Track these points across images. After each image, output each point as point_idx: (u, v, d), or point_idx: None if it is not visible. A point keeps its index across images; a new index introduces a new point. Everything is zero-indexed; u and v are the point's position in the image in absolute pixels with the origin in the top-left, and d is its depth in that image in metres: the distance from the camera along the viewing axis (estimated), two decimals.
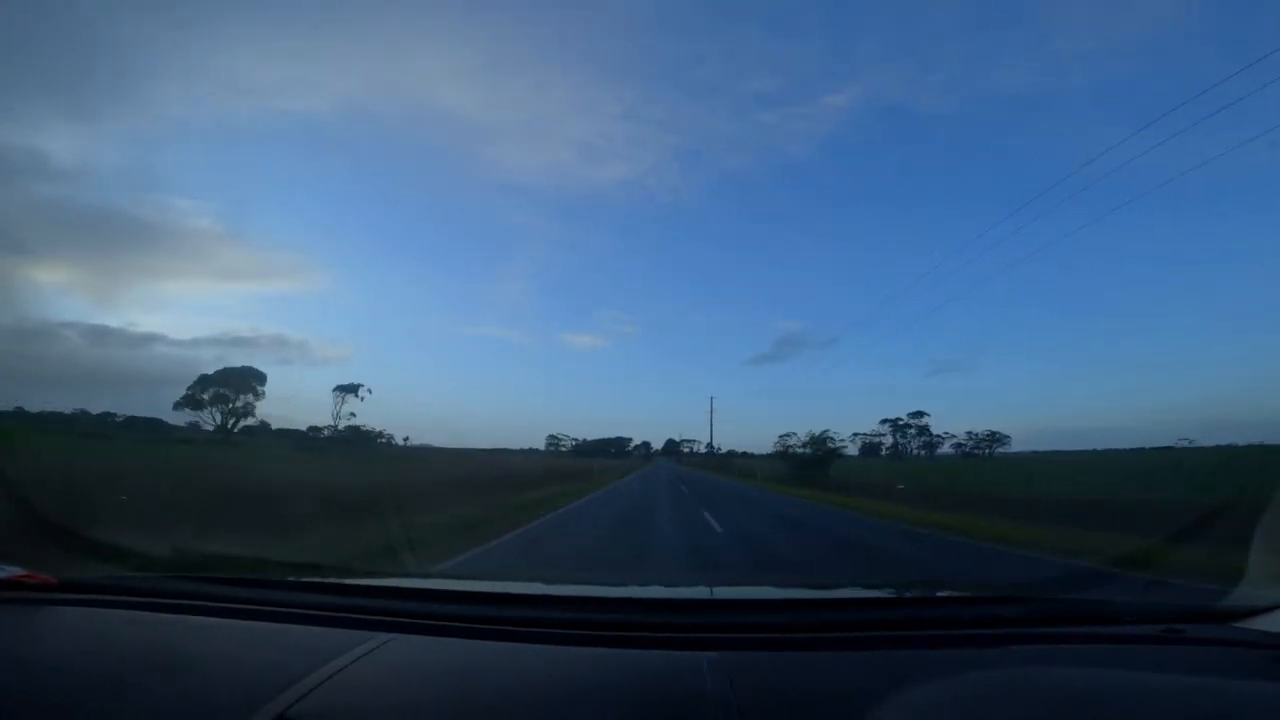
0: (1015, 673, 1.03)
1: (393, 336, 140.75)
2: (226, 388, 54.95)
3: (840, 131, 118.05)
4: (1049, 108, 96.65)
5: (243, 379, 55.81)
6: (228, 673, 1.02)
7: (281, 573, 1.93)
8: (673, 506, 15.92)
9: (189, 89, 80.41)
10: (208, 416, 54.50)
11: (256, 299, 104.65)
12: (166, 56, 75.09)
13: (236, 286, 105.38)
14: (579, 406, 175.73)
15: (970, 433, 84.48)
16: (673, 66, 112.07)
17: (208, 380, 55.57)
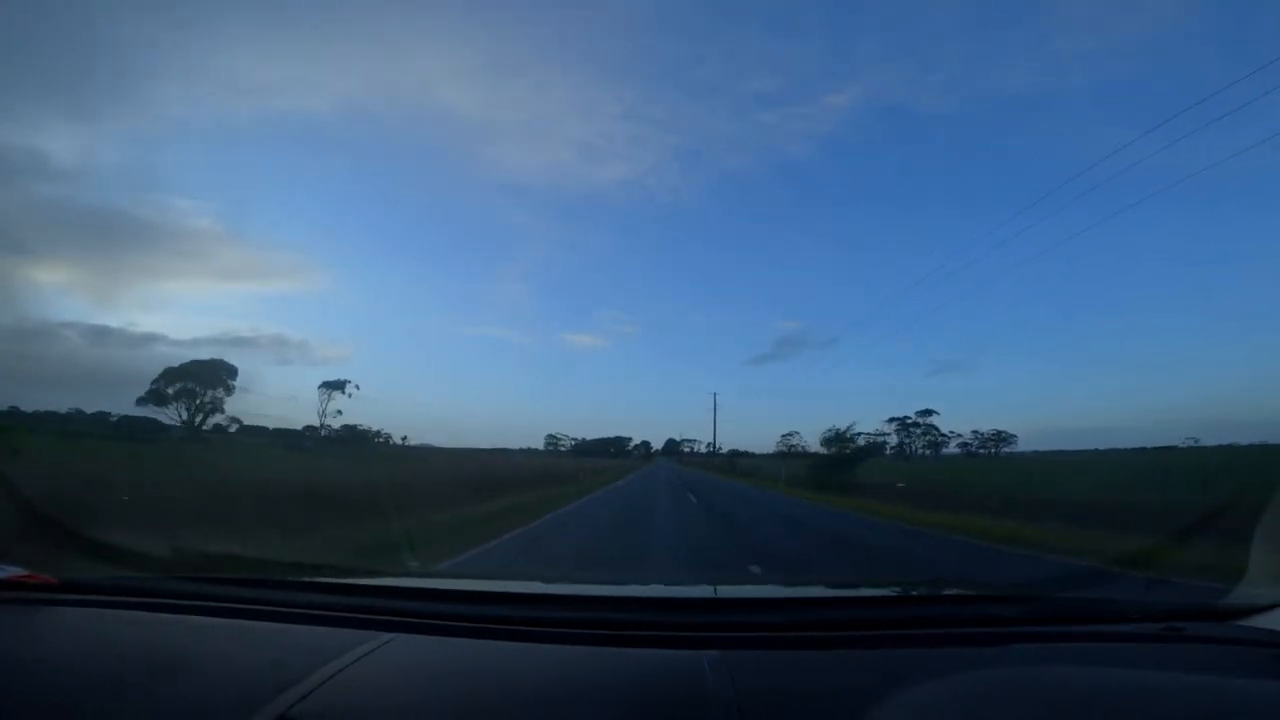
0: (1016, 671, 1.03)
1: (393, 336, 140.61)
2: (194, 382, 50.45)
3: (841, 131, 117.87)
4: (1051, 108, 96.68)
5: (212, 372, 51.44)
6: (229, 673, 1.02)
7: (282, 572, 1.93)
8: (682, 539, 9.86)
9: (189, 89, 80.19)
10: (173, 413, 49.73)
11: (256, 299, 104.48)
12: (166, 56, 74.91)
13: (236, 286, 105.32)
14: (578, 406, 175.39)
15: (976, 432, 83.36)
16: (673, 66, 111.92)
17: (173, 374, 50.64)
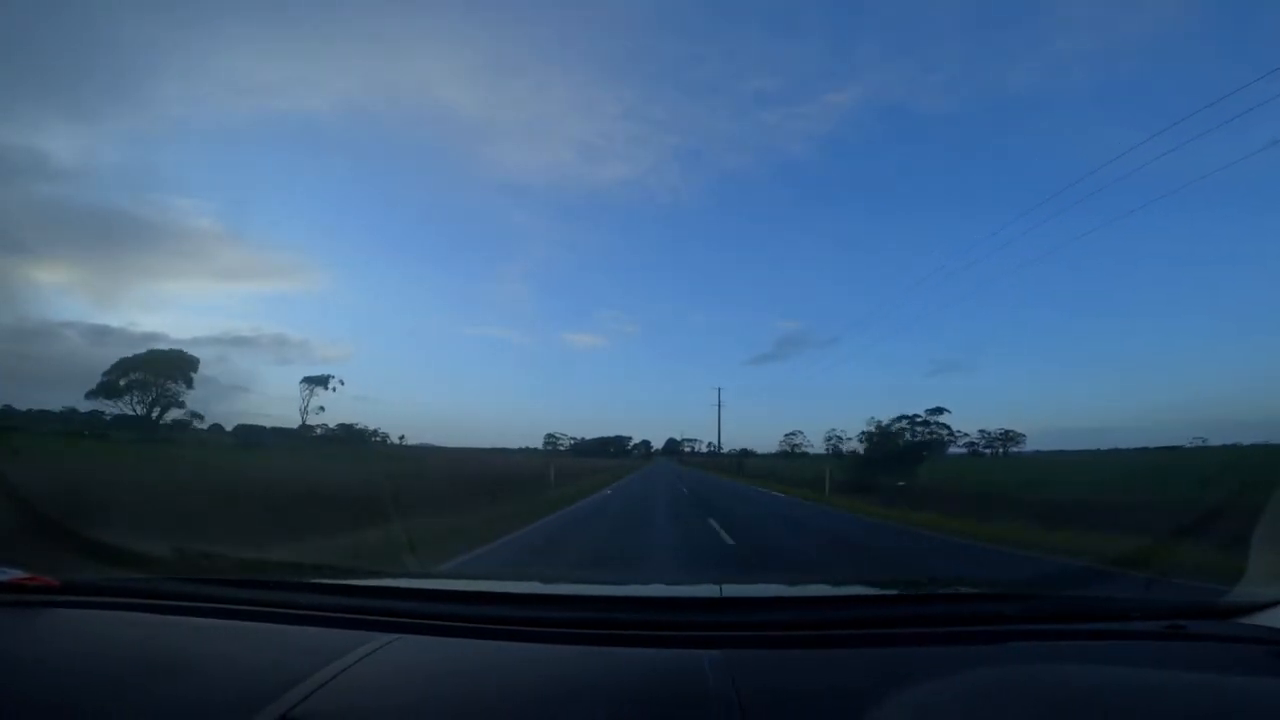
0: (1018, 670, 1.03)
1: (393, 336, 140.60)
2: (150, 373, 45.34)
3: (841, 131, 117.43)
4: (1052, 108, 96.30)
5: (170, 364, 46.51)
6: (230, 674, 1.02)
7: (282, 573, 1.93)
8: None
9: (189, 89, 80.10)
10: (126, 407, 44.69)
11: (257, 299, 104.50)
12: (166, 56, 74.86)
13: (237, 286, 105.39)
14: (578, 406, 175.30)
15: (983, 431, 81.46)
16: (673, 66, 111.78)
17: (128, 364, 45.34)
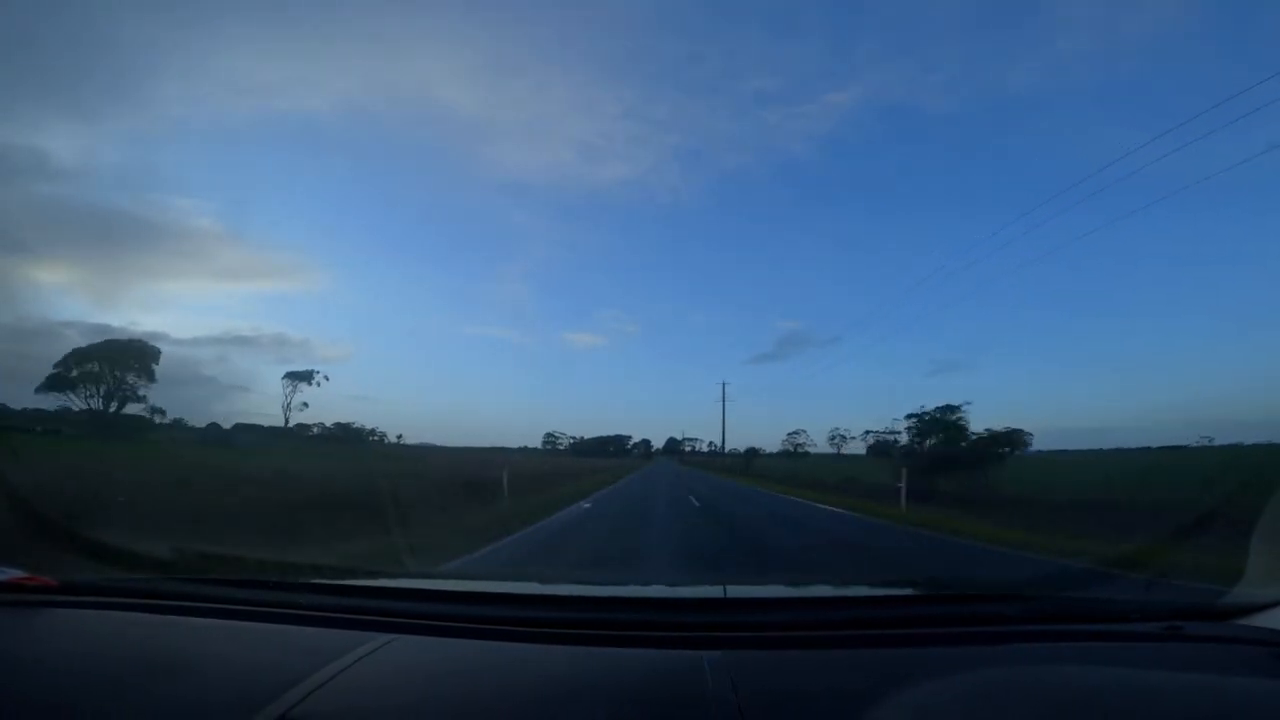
0: (1017, 671, 1.03)
1: (393, 336, 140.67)
2: (106, 364, 41.38)
3: (841, 131, 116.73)
4: (1052, 108, 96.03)
5: (128, 354, 42.61)
6: (229, 674, 1.02)
7: (281, 574, 1.93)
8: None
9: (189, 89, 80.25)
10: (79, 400, 41.01)
11: (257, 298, 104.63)
12: (166, 56, 74.99)
13: (237, 286, 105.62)
14: (578, 405, 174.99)
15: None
16: (673, 66, 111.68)
17: (81, 355, 41.58)
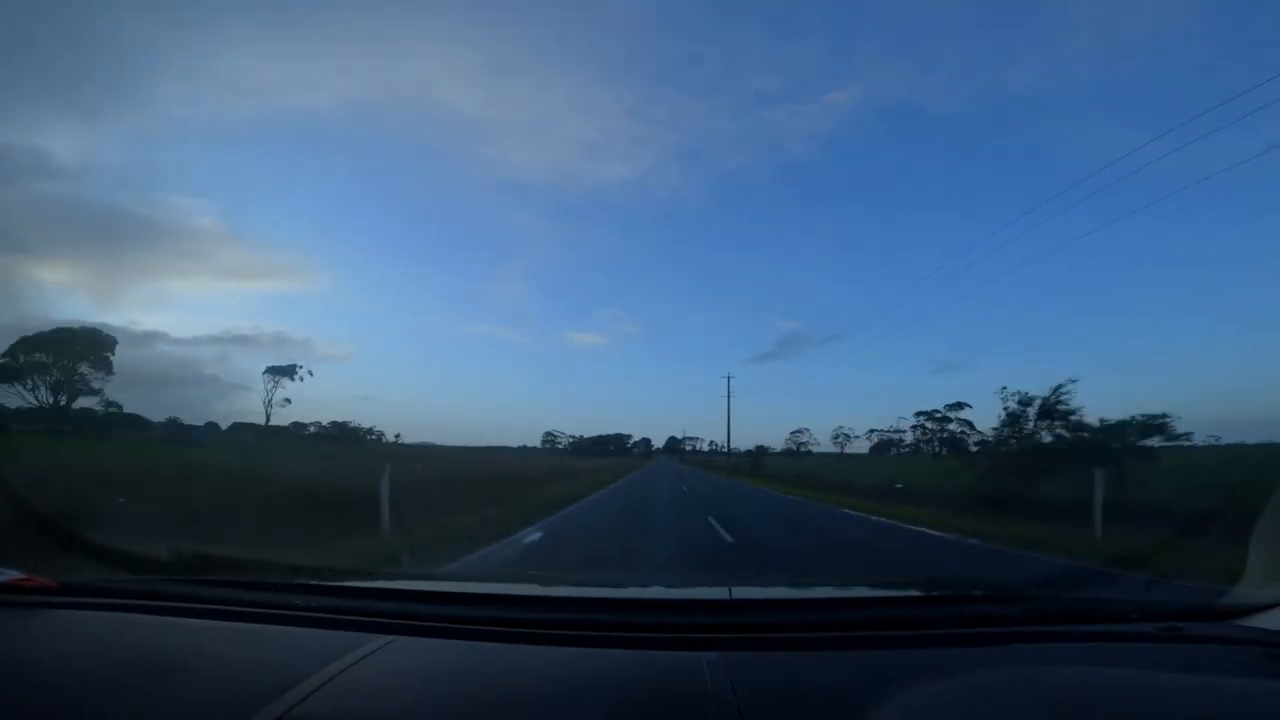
0: (1016, 671, 1.03)
1: (393, 335, 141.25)
2: (56, 354, 37.25)
3: (841, 131, 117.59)
4: (1052, 107, 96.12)
5: (81, 344, 38.04)
6: (228, 675, 1.02)
7: (281, 575, 1.93)
8: None
9: (189, 89, 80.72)
10: (28, 392, 36.83)
11: (257, 298, 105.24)
12: (166, 56, 75.42)
13: (238, 285, 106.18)
14: (578, 405, 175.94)
15: (995, 429, 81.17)
16: (673, 66, 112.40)
17: (30, 344, 37.31)
